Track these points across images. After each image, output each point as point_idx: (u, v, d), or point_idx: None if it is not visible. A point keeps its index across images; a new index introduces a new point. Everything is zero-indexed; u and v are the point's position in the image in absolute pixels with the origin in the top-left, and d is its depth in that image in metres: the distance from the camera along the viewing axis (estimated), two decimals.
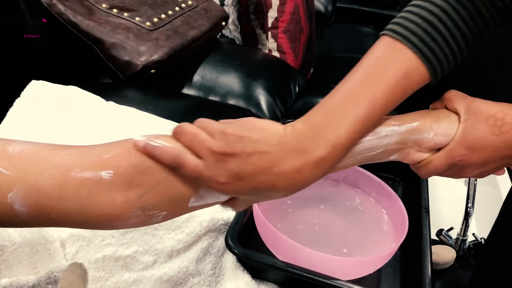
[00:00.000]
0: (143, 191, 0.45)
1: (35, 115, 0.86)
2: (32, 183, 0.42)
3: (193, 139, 0.45)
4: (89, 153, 0.45)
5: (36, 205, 0.43)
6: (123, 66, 1.02)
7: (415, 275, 0.72)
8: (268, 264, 0.69)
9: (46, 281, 0.59)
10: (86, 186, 0.43)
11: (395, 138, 0.52)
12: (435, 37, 0.49)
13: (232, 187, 0.44)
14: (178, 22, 1.13)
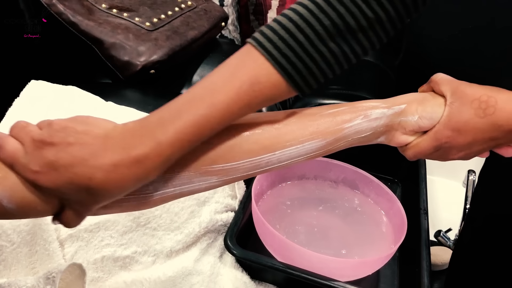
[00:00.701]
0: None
1: (34, 115, 0.85)
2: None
3: (20, 130, 0.44)
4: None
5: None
6: (122, 66, 1.02)
7: (414, 277, 0.73)
8: (267, 265, 0.70)
9: (44, 281, 0.59)
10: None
11: (383, 121, 0.53)
12: (291, 44, 0.47)
13: (46, 177, 0.41)
14: (178, 22, 1.13)
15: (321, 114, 0.52)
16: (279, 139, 0.49)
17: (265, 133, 0.49)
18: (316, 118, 0.51)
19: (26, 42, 1.00)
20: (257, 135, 0.49)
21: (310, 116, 0.51)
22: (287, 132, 0.50)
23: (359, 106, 0.53)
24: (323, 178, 0.89)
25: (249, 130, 0.49)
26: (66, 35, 1.02)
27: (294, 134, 0.50)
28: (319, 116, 0.51)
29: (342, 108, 0.52)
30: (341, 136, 0.52)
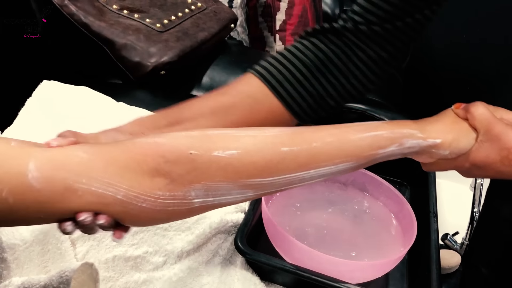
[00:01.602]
0: (171, 179, 0.47)
1: (46, 115, 0.86)
2: (61, 161, 0.44)
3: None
4: (116, 144, 0.48)
5: (64, 182, 0.44)
6: (133, 67, 1.03)
7: (423, 280, 0.73)
8: (277, 267, 0.70)
9: (58, 280, 0.60)
10: (113, 167, 0.45)
11: (416, 150, 0.55)
12: (281, 70, 0.59)
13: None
14: (188, 24, 1.14)
15: (360, 137, 0.53)
16: (315, 158, 0.51)
17: (303, 151, 0.50)
18: (355, 141, 0.52)
19: (37, 43, 1.01)
20: (295, 152, 0.50)
21: (349, 137, 0.52)
22: (323, 152, 0.51)
23: (397, 132, 0.53)
24: (333, 180, 0.89)
25: (287, 146, 0.50)
26: (78, 36, 1.03)
27: (330, 155, 0.51)
28: (358, 139, 0.52)
29: (381, 133, 0.53)
30: (373, 160, 0.54)
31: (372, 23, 0.59)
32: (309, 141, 0.51)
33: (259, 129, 0.52)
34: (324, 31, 0.61)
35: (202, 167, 0.47)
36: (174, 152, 0.47)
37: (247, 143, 0.49)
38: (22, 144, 0.44)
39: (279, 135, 0.51)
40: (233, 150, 0.48)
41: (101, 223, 0.45)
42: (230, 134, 0.50)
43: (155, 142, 0.47)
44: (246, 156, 0.48)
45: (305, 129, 0.53)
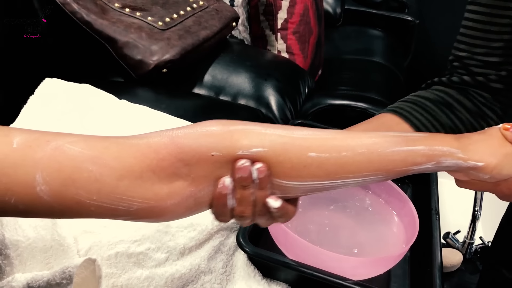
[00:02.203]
0: (191, 180, 0.44)
1: (49, 112, 0.86)
2: (68, 175, 0.41)
3: None
4: (128, 148, 0.44)
5: (75, 197, 0.41)
6: (135, 65, 1.03)
7: (425, 277, 0.73)
8: (279, 263, 0.70)
9: (60, 276, 0.60)
10: (126, 180, 0.42)
11: (453, 169, 0.52)
12: (408, 105, 0.73)
13: None
14: (190, 22, 1.14)
15: (394, 151, 0.49)
16: (344, 168, 0.48)
17: (331, 159, 0.47)
18: (387, 155, 0.49)
19: (40, 41, 1.01)
20: (323, 159, 0.47)
21: (382, 150, 0.49)
22: (353, 163, 0.48)
23: (436, 150, 0.50)
24: None
25: (315, 152, 0.47)
26: (80, 34, 1.03)
27: (359, 167, 0.48)
28: (391, 153, 0.49)
29: (418, 148, 0.50)
30: (403, 174, 0.51)
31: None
32: (338, 149, 0.48)
33: (285, 128, 0.48)
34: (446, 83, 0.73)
35: (227, 166, 0.44)
36: (194, 156, 0.44)
37: (273, 142, 0.45)
38: (25, 144, 0.41)
39: (307, 138, 0.47)
40: (259, 148, 0.45)
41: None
42: (255, 130, 0.46)
43: (173, 143, 0.44)
44: (273, 155, 0.45)
45: (336, 134, 0.49)
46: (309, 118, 1.25)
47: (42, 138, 0.42)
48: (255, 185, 0.45)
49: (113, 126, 0.86)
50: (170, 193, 0.43)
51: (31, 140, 0.41)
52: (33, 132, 0.43)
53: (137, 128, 0.87)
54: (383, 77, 1.78)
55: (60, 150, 0.41)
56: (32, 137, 0.42)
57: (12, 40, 0.98)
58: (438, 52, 2.28)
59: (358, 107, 1.26)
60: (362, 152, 0.48)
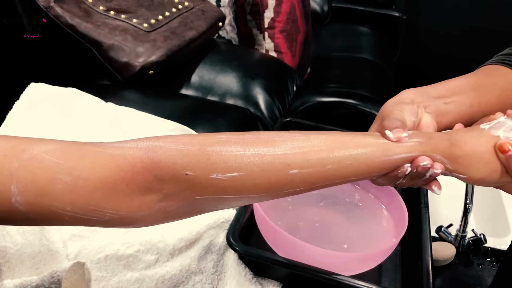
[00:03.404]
0: (163, 196, 0.44)
1: (35, 118, 0.86)
2: (43, 186, 0.41)
3: None
4: (104, 158, 0.43)
5: (49, 208, 0.42)
6: (121, 67, 1.03)
7: (416, 270, 0.73)
8: (270, 261, 0.70)
9: (49, 280, 0.60)
10: (99, 192, 0.42)
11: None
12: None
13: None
14: (175, 23, 1.14)
15: (384, 160, 0.49)
16: (328, 179, 0.48)
17: (315, 173, 0.47)
18: (376, 165, 0.49)
19: (25, 45, 1.01)
20: (306, 174, 0.47)
21: (371, 160, 0.49)
22: (339, 174, 0.48)
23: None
24: None
25: (298, 169, 0.46)
26: (65, 37, 1.03)
27: (345, 176, 0.48)
28: (380, 163, 0.49)
29: (410, 155, 0.50)
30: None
31: None
32: (323, 163, 0.47)
33: (268, 143, 0.47)
34: None
35: (199, 187, 0.45)
36: (168, 172, 0.43)
37: (251, 164, 0.45)
38: (0, 153, 0.41)
39: (290, 154, 0.46)
40: (234, 172, 0.44)
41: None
42: (233, 152, 0.45)
43: (149, 157, 0.43)
44: (249, 179, 0.45)
45: (323, 143, 0.48)
46: (298, 116, 1.25)
47: (17, 147, 0.42)
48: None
49: (99, 129, 0.86)
50: (141, 206, 0.44)
51: (6, 149, 0.41)
52: (9, 140, 0.43)
53: (124, 130, 0.86)
54: (372, 73, 1.78)
55: (36, 160, 0.41)
56: (8, 145, 0.42)
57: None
58: (426, 47, 2.29)
59: (347, 104, 1.27)
60: (350, 164, 0.48)
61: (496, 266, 1.30)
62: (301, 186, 0.47)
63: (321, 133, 0.50)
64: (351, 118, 1.26)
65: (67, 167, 0.42)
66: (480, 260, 1.32)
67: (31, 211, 0.41)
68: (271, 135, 0.48)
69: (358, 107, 1.25)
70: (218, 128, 0.94)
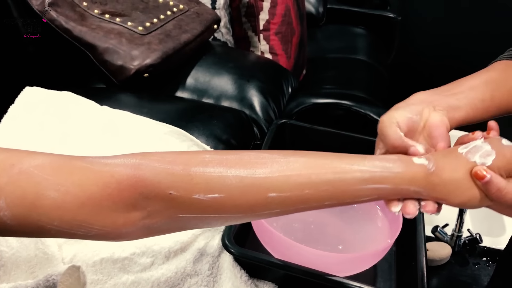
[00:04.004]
0: (147, 213, 0.46)
1: (30, 122, 0.86)
2: (31, 201, 0.42)
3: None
4: (91, 175, 0.45)
5: (37, 223, 0.43)
6: (116, 70, 1.03)
7: (411, 270, 0.73)
8: (265, 263, 0.70)
9: (44, 284, 0.60)
10: (86, 208, 0.44)
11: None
12: None
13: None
14: (170, 26, 1.14)
15: (359, 189, 0.50)
16: (305, 202, 0.49)
17: (293, 196, 0.48)
18: (352, 192, 0.49)
19: (20, 49, 1.01)
20: (284, 197, 0.48)
21: (347, 187, 0.49)
22: (315, 199, 0.49)
23: (403, 189, 0.50)
24: None
25: (276, 192, 0.48)
26: (60, 41, 1.03)
27: (321, 201, 0.49)
28: (356, 190, 0.49)
29: (384, 187, 0.50)
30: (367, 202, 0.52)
31: None
32: (301, 187, 0.48)
33: (250, 166, 0.48)
34: None
35: (181, 206, 0.46)
36: (153, 190, 0.45)
37: (232, 186, 0.46)
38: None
39: (269, 178, 0.47)
40: (216, 194, 0.46)
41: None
42: (215, 173, 0.46)
43: (135, 175, 0.45)
44: (229, 200, 0.47)
45: (302, 167, 0.49)
46: (293, 117, 1.25)
47: (6, 161, 0.43)
48: None
49: (95, 133, 0.86)
50: (125, 223, 0.45)
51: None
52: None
53: (119, 133, 0.86)
54: (367, 74, 1.79)
55: (25, 175, 0.42)
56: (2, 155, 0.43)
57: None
58: (421, 48, 2.30)
59: (342, 105, 1.27)
60: (326, 189, 0.49)
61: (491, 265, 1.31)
62: (278, 208, 0.49)
63: (300, 155, 0.50)
64: (346, 119, 1.26)
65: (56, 183, 0.43)
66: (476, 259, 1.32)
67: (19, 224, 0.42)
68: (253, 156, 0.49)
69: (353, 108, 1.25)
70: (213, 131, 0.94)
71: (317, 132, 1.00)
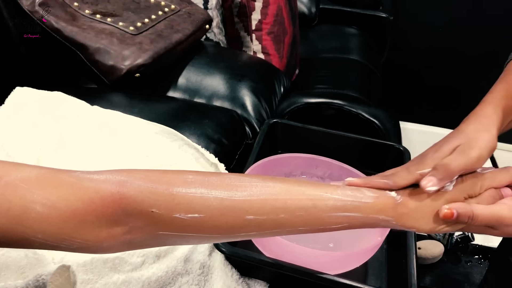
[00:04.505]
0: (128, 229, 0.47)
1: (20, 122, 0.86)
2: (17, 214, 0.43)
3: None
4: (77, 190, 0.46)
5: (21, 235, 0.43)
6: (107, 71, 1.03)
7: (401, 268, 0.73)
8: (256, 261, 0.70)
9: (34, 284, 0.60)
10: (70, 223, 0.45)
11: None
12: None
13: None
14: (162, 26, 1.14)
15: (331, 216, 0.52)
16: (280, 227, 0.51)
17: (269, 220, 0.51)
18: (325, 219, 0.52)
19: (10, 49, 1.00)
20: (260, 221, 0.50)
21: (320, 214, 0.51)
22: (290, 223, 0.51)
23: (372, 218, 0.53)
24: (310, 174, 0.89)
25: (253, 215, 0.50)
26: (50, 41, 1.03)
27: (295, 226, 0.51)
28: (328, 217, 0.52)
29: (355, 215, 0.53)
30: (340, 230, 0.55)
31: None
32: (277, 212, 0.50)
33: (229, 188, 0.50)
34: None
35: (162, 224, 0.48)
36: (136, 208, 0.47)
37: (212, 207, 0.48)
38: None
39: (248, 201, 0.50)
40: (196, 213, 0.48)
41: None
42: (197, 194, 0.48)
43: (119, 193, 0.46)
44: (209, 220, 0.49)
45: (279, 192, 0.51)
46: (286, 117, 1.25)
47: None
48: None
49: (86, 133, 0.86)
50: (107, 237, 0.47)
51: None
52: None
53: (110, 133, 0.86)
54: (360, 74, 1.79)
55: (11, 188, 0.43)
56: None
57: None
58: (413, 47, 2.31)
59: (333, 104, 1.27)
60: (300, 215, 0.51)
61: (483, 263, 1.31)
62: (255, 230, 0.51)
63: (279, 181, 0.53)
64: (338, 119, 1.26)
65: (42, 197, 0.44)
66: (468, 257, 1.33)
67: (3, 236, 0.43)
68: (234, 179, 0.52)
69: (345, 108, 1.26)
70: (204, 130, 0.94)
71: (309, 131, 1.00)
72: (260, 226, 0.50)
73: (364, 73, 1.81)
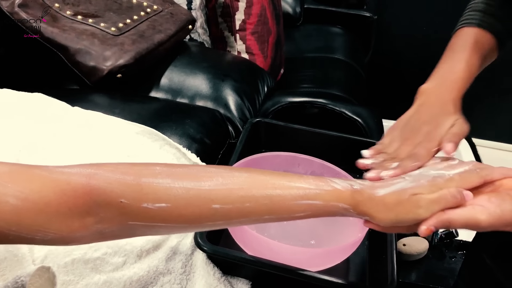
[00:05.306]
0: (100, 219, 0.49)
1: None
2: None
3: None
4: (49, 182, 0.47)
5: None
6: (88, 71, 1.02)
7: (382, 263, 0.74)
8: (238, 259, 0.70)
9: (13, 286, 0.59)
10: (44, 214, 0.46)
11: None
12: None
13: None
14: (144, 26, 1.14)
15: (295, 204, 0.54)
16: (246, 215, 0.53)
17: (234, 209, 0.52)
18: (288, 207, 0.53)
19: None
20: (226, 210, 0.52)
21: (284, 202, 0.53)
22: (255, 212, 0.53)
23: (332, 206, 0.55)
24: (292, 172, 0.90)
25: (219, 204, 0.51)
26: (31, 42, 1.02)
27: (261, 214, 0.53)
28: (292, 205, 0.54)
29: (316, 203, 0.55)
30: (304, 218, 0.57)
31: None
32: (242, 200, 0.52)
33: (196, 178, 0.52)
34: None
35: (131, 214, 0.49)
36: (106, 199, 0.48)
37: (179, 196, 0.50)
38: None
39: (214, 190, 0.51)
40: (163, 203, 0.49)
41: None
42: (163, 184, 0.50)
43: (89, 184, 0.48)
44: (175, 210, 0.50)
45: (244, 181, 0.53)
46: (270, 116, 1.26)
47: None
48: None
49: (66, 134, 0.85)
50: (80, 227, 0.48)
51: None
52: None
53: (90, 134, 0.86)
54: (344, 73, 1.80)
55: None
56: None
57: None
58: (397, 46, 2.32)
59: (316, 103, 1.28)
60: (265, 203, 0.52)
61: None
62: (222, 219, 0.52)
63: (244, 171, 0.55)
64: (321, 117, 1.27)
65: (15, 190, 0.45)
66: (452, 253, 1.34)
67: None
68: (200, 170, 0.54)
69: (328, 106, 1.26)
70: (186, 130, 0.94)
71: (292, 130, 1.01)
72: (226, 215, 0.52)
73: (349, 72, 1.82)
